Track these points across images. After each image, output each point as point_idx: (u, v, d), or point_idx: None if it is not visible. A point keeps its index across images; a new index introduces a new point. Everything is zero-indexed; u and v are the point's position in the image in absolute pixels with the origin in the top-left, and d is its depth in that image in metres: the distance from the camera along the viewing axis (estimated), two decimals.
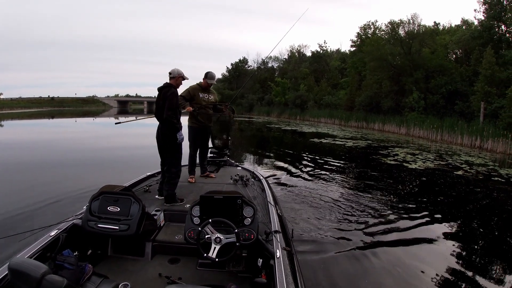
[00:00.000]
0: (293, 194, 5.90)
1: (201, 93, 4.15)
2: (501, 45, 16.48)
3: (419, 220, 4.78)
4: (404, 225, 4.57)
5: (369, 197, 5.88)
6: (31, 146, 12.19)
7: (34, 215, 4.39)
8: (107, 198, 2.35)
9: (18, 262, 1.51)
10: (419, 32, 20.45)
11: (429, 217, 4.91)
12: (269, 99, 38.73)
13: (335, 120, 26.49)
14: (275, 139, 16.38)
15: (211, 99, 4.25)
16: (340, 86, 30.98)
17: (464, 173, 8.02)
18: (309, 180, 7.03)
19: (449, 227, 4.60)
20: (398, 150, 11.76)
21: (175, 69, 3.39)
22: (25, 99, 65.72)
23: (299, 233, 3.99)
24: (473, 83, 16.54)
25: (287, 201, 5.44)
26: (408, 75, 19.93)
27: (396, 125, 19.76)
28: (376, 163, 9.20)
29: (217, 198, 2.19)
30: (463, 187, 6.93)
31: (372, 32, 27.99)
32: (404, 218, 4.85)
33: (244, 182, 3.77)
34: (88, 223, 2.25)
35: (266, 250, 2.10)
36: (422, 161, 9.41)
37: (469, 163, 9.52)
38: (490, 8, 16.77)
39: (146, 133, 10.78)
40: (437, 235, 4.27)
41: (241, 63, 49.15)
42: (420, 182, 7.21)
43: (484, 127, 13.76)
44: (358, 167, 8.88)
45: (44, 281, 1.43)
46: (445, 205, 5.66)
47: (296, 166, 8.48)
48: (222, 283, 2.08)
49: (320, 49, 37.45)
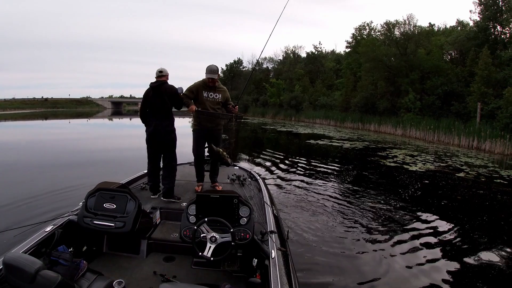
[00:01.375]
0: (289, 195, 5.85)
1: (204, 92, 3.53)
2: (496, 46, 16.44)
3: (419, 223, 4.58)
4: (404, 228, 4.40)
5: (367, 199, 5.74)
6: (27, 146, 12.36)
7: (30, 211, 4.39)
8: (103, 195, 2.34)
9: (12, 257, 1.50)
10: (414, 33, 20.38)
11: (430, 220, 4.68)
12: (264, 100, 38.53)
13: (330, 121, 26.30)
14: (271, 140, 16.08)
15: (218, 98, 3.56)
16: (335, 87, 30.85)
17: (466, 175, 7.79)
18: (306, 181, 6.87)
19: (453, 231, 4.32)
20: (396, 151, 11.54)
21: (165, 68, 3.45)
22: (19, 100, 65.56)
23: (294, 234, 3.97)
24: (469, 84, 16.48)
25: (284, 201, 5.40)
26: (404, 76, 19.83)
27: (392, 126, 19.64)
28: (375, 165, 8.95)
29: (214, 197, 2.19)
30: (466, 189, 6.69)
31: (367, 33, 27.96)
32: (404, 221, 4.66)
33: (241, 181, 3.77)
34: (83, 220, 2.24)
35: (261, 250, 2.09)
36: (422, 162, 9.18)
37: (469, 164, 9.33)
38: (485, 9, 16.74)
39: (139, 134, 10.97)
40: (439, 239, 4.04)
41: (236, 64, 48.91)
42: (421, 185, 6.95)
43: (482, 128, 13.66)
44: (356, 169, 8.61)
45: (38, 276, 1.42)
46: (449, 209, 5.40)
47: (293, 168, 8.19)
48: (217, 282, 2.07)
49: (315, 50, 37.36)
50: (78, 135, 18.11)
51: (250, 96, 41.14)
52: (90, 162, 8.91)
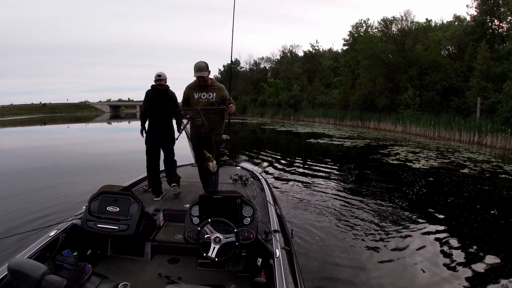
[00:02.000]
0: (292, 194, 5.79)
1: (196, 93, 3.17)
2: (494, 39, 16.41)
3: (425, 221, 4.48)
4: (410, 227, 4.31)
5: (371, 197, 5.65)
6: (27, 152, 12.31)
7: (34, 216, 4.38)
8: (106, 198, 2.33)
9: (17, 263, 1.50)
10: (412, 29, 20.33)
11: (438, 219, 4.57)
12: (263, 100, 38.45)
13: (329, 119, 26.24)
14: (271, 141, 15.99)
15: (212, 98, 3.15)
16: (334, 85, 30.81)
17: (470, 171, 7.72)
18: (308, 181, 6.81)
19: (460, 230, 4.25)
20: (398, 148, 11.47)
21: (163, 72, 3.50)
22: (17, 106, 65.57)
23: (298, 233, 3.94)
24: (468, 78, 16.44)
25: (287, 200, 5.35)
26: (403, 72, 19.78)
27: (392, 123, 19.59)
28: (377, 163, 8.87)
29: (217, 198, 2.19)
30: (471, 186, 6.61)
31: (364, 30, 27.92)
32: (410, 220, 4.57)
33: (243, 181, 3.77)
34: (87, 223, 2.24)
35: (266, 250, 2.08)
36: (425, 159, 9.11)
37: (472, 160, 9.27)
38: (482, 3, 16.70)
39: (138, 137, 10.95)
40: (447, 238, 3.93)
41: (233, 64, 48.79)
42: (426, 182, 6.88)
43: (482, 123, 13.61)
44: (358, 167, 8.54)
45: (43, 281, 1.41)
46: (455, 207, 5.32)
47: (295, 167, 8.11)
48: (222, 282, 2.08)
49: (312, 48, 37.34)
50: (77, 140, 17.95)
51: (248, 96, 41.06)
52: (91, 166, 8.87)
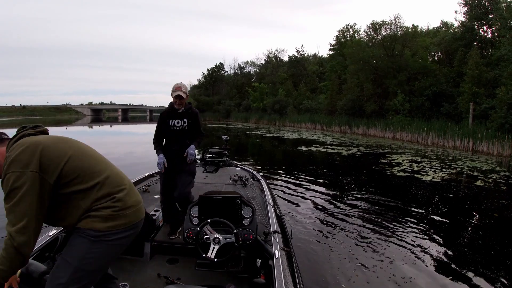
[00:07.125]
0: (292, 195, 5.82)
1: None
2: (484, 45, 16.33)
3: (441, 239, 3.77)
4: (413, 235, 4.09)
5: (373, 201, 5.54)
6: None
7: None
8: None
9: None
10: (401, 33, 20.11)
11: (467, 240, 3.69)
12: (247, 105, 37.58)
13: (316, 125, 25.59)
14: (255, 146, 14.89)
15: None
16: (319, 90, 30.39)
17: (485, 184, 6.99)
18: (308, 184, 6.66)
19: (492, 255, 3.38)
20: (397, 157, 10.74)
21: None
22: None
23: (298, 234, 3.91)
24: (458, 84, 16.24)
25: (286, 201, 5.36)
26: (392, 78, 19.44)
27: (381, 129, 19.15)
28: (382, 175, 7.97)
29: (216, 198, 2.17)
30: (496, 203, 5.83)
31: (351, 35, 27.73)
32: (416, 229, 4.28)
33: (243, 182, 3.77)
34: None
35: (265, 251, 2.07)
36: (432, 170, 8.35)
37: (478, 169, 8.66)
38: (471, 9, 16.63)
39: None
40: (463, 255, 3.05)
41: (217, 68, 47.71)
42: (444, 198, 5.96)
43: (476, 129, 13.27)
44: (361, 178, 7.58)
45: (43, 281, 1.41)
46: (488, 228, 4.47)
47: (294, 175, 7.08)
48: (221, 283, 2.06)
49: (297, 53, 36.93)
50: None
51: (232, 101, 40.04)
52: None
